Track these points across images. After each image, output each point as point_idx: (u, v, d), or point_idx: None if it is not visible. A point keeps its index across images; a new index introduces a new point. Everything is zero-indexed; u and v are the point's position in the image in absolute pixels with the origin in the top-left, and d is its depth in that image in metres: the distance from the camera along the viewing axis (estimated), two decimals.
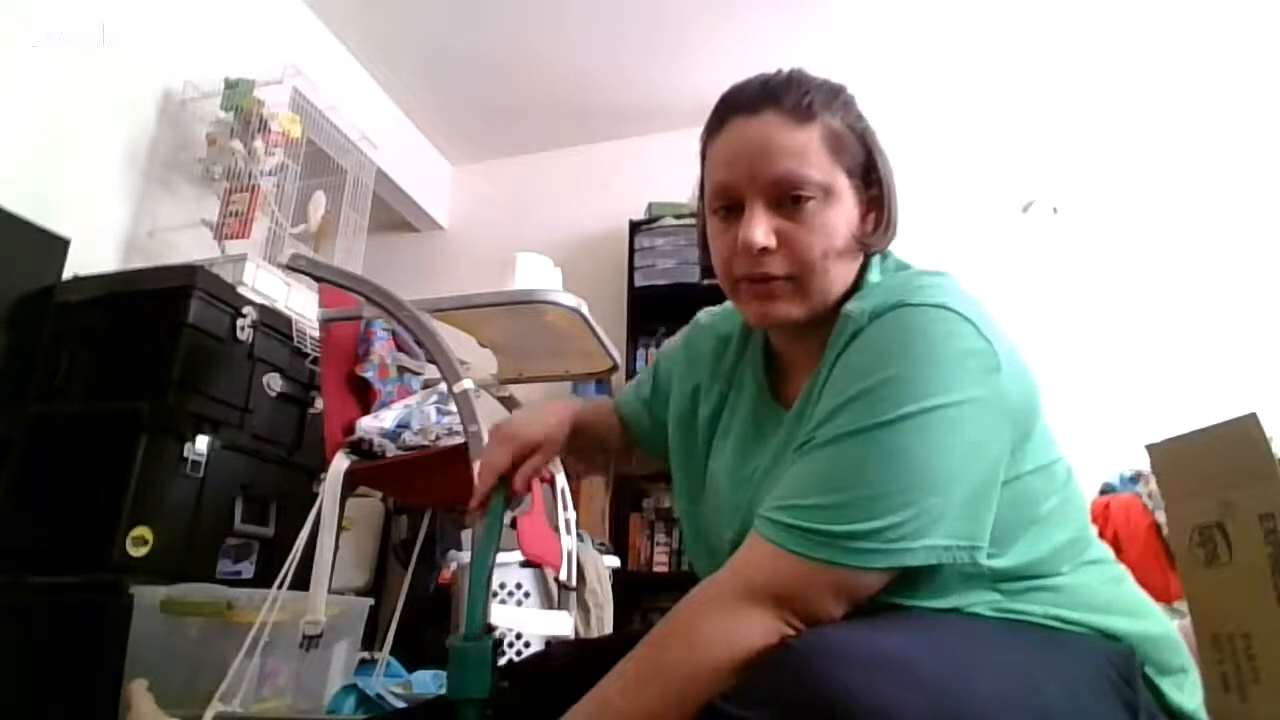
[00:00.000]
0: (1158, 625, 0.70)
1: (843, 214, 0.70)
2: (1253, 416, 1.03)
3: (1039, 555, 0.64)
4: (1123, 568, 0.75)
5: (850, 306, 0.67)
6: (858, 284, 0.72)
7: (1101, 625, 0.65)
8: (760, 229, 0.68)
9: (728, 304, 0.82)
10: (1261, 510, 0.99)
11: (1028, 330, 2.92)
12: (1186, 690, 0.67)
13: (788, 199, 0.68)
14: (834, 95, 0.72)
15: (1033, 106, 3.25)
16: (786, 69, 0.74)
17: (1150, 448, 1.23)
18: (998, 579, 0.62)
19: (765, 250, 0.68)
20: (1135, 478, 2.19)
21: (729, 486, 0.76)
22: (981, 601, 0.62)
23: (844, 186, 0.70)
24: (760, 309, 0.71)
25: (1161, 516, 1.92)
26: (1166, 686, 0.66)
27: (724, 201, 0.72)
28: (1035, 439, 0.66)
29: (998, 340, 0.62)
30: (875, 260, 0.74)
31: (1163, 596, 2.06)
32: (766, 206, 0.69)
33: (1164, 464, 1.21)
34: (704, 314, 0.92)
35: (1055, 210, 3.09)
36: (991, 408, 0.60)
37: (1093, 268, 2.99)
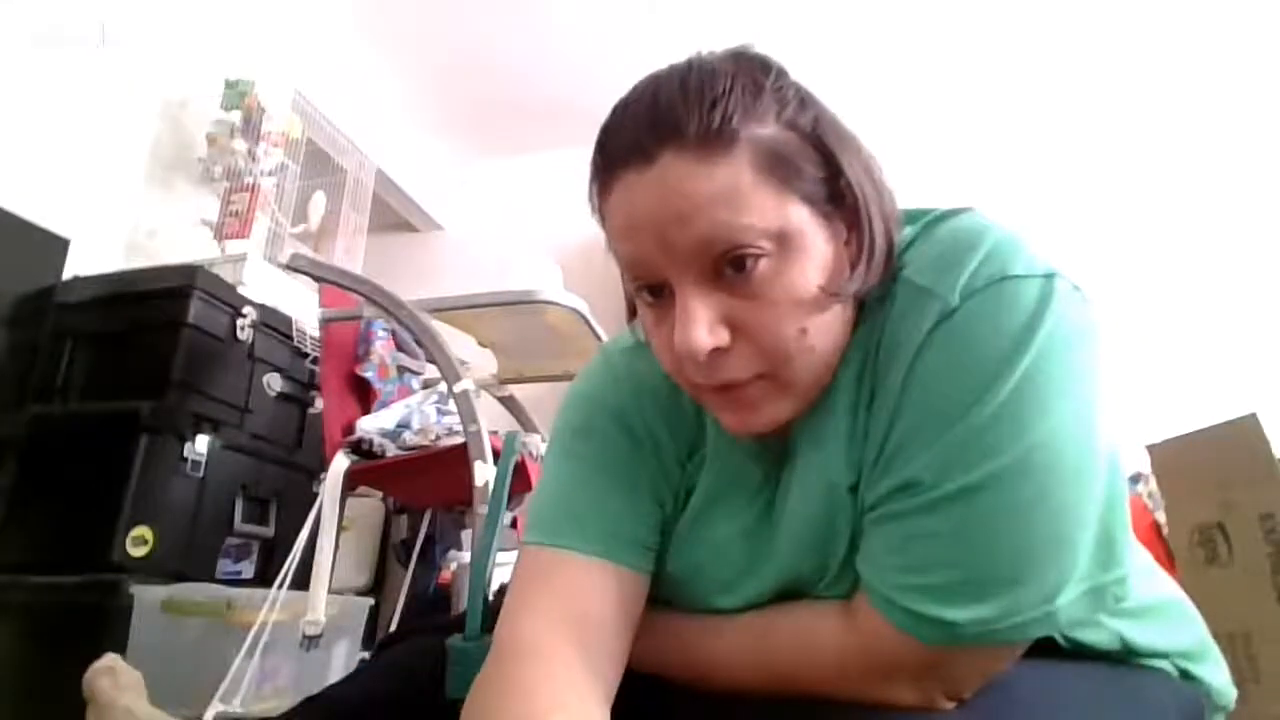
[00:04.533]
0: (1216, 662, 0.63)
1: (811, 261, 0.49)
2: (1253, 417, 1.04)
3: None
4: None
5: (918, 276, 0.50)
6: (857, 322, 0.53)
7: (1180, 662, 0.58)
8: (701, 327, 0.47)
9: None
10: (1261, 510, 0.99)
11: None
12: None
13: (726, 267, 0.48)
14: (756, 89, 0.49)
15: (1032, 106, 3.25)
16: (681, 63, 0.51)
17: (1150, 448, 1.24)
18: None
19: (717, 351, 0.48)
20: (1135, 478, 2.19)
21: (725, 551, 0.58)
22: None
23: (803, 221, 0.48)
24: (737, 421, 0.52)
25: (1162, 516, 1.91)
26: None
27: (642, 280, 0.51)
28: None
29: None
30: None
31: None
32: (700, 284, 0.48)
33: (1164, 464, 1.22)
34: (621, 364, 0.65)
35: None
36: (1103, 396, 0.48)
37: (1091, 267, 2.99)
